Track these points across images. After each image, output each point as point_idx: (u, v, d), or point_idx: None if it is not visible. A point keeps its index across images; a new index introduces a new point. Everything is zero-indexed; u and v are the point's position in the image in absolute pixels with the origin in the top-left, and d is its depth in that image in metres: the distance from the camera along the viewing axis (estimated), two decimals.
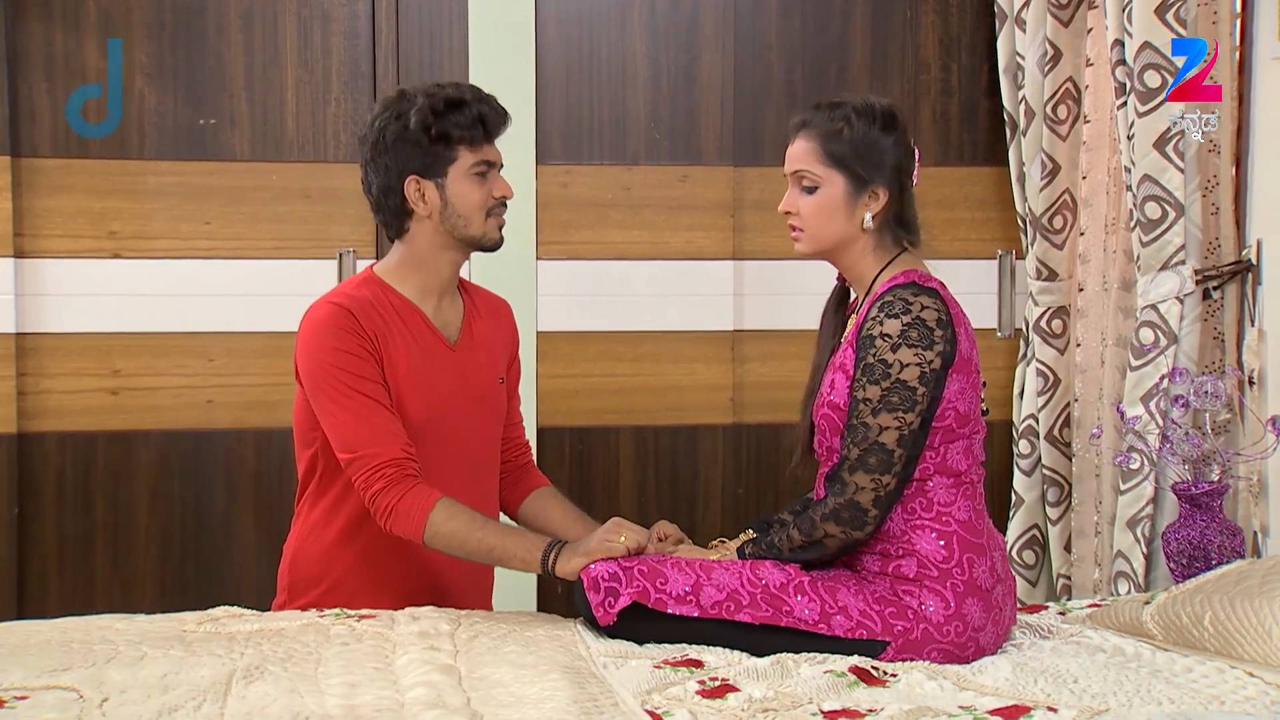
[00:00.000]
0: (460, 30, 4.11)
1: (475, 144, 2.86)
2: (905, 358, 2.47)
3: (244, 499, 4.10)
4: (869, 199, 2.60)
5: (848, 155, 2.59)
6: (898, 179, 2.63)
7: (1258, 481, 3.29)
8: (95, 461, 4.04)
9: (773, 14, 4.22)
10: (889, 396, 2.47)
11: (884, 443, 2.48)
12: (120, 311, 4.03)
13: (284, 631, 2.47)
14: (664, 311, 4.22)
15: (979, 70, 4.28)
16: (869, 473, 2.48)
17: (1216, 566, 3.04)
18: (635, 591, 2.50)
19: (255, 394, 4.09)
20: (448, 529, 2.67)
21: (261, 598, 3.70)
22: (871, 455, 2.48)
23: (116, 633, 2.45)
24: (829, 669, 2.28)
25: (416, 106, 2.82)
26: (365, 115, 4.01)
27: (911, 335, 2.48)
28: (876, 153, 2.60)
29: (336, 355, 2.78)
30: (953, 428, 2.54)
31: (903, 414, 2.47)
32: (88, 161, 4.00)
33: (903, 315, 2.49)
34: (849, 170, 2.59)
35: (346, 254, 4.07)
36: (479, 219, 2.88)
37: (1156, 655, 2.38)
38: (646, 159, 4.20)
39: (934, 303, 2.52)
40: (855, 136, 2.59)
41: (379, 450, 2.72)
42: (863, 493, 2.48)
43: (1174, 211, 3.37)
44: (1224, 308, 3.45)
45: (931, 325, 2.49)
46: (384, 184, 2.85)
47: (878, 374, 2.48)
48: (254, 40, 4.05)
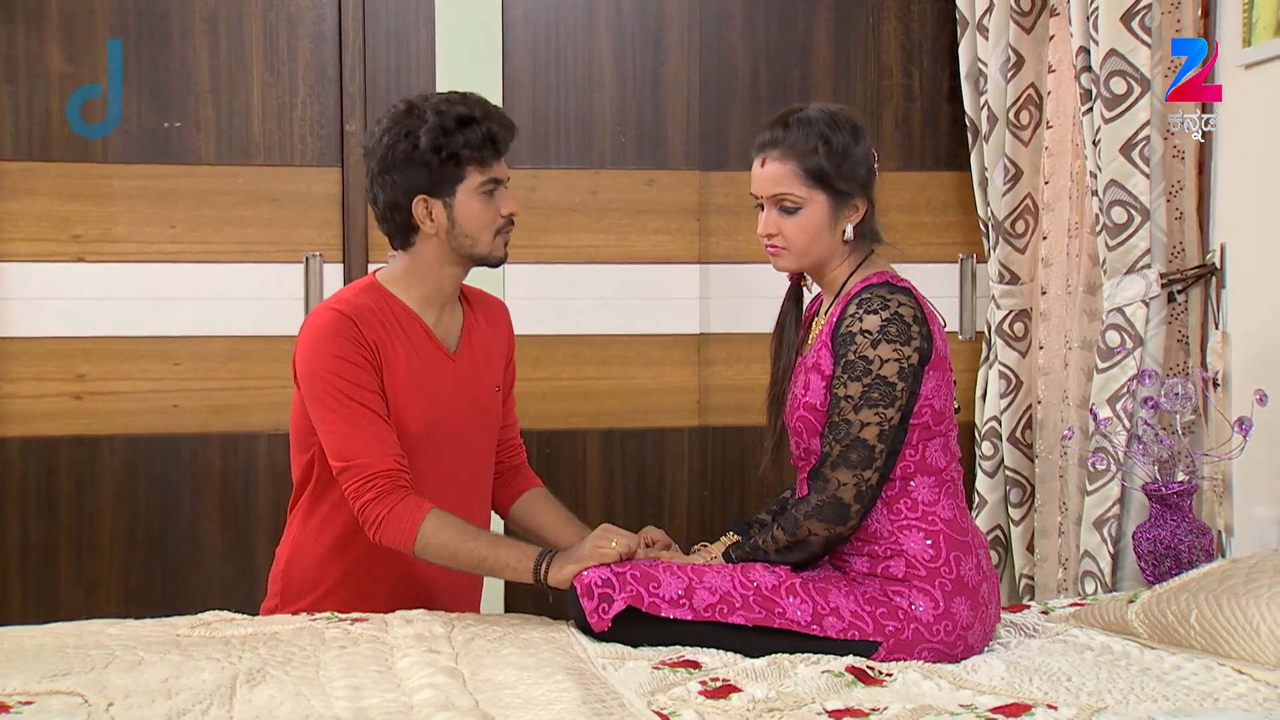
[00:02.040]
0: (427, 33, 4.11)
1: (485, 163, 2.84)
2: (885, 353, 2.50)
3: (210, 504, 4.08)
4: (850, 212, 2.63)
5: (829, 173, 2.61)
6: (869, 186, 2.66)
7: (1222, 482, 3.35)
8: (59, 466, 4.01)
9: (738, 19, 4.25)
10: (870, 393, 2.50)
11: (865, 438, 2.50)
12: (85, 315, 4.00)
13: (278, 635, 2.47)
14: (631, 315, 4.24)
15: (940, 76, 4.33)
16: (851, 469, 2.50)
17: (1187, 565, 3.10)
18: (629, 596, 2.51)
19: (221, 398, 4.07)
20: (439, 540, 2.67)
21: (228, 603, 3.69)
22: (854, 451, 2.50)
23: (110, 637, 2.45)
24: (826, 669, 2.30)
25: (427, 125, 2.79)
26: (332, 118, 4.05)
27: (890, 331, 2.51)
28: (853, 165, 2.62)
29: (335, 363, 2.77)
30: (929, 425, 2.57)
31: (883, 409, 2.50)
32: (51, 164, 3.96)
33: (881, 311, 2.52)
34: (831, 188, 2.61)
35: (313, 258, 4.06)
36: (486, 237, 2.88)
37: (1144, 653, 2.42)
38: (613, 163, 4.21)
39: (909, 300, 2.55)
40: (833, 152, 2.61)
41: (371, 460, 2.72)
42: (845, 489, 2.50)
43: (1140, 216, 3.43)
44: (1188, 311, 3.51)
45: (909, 321, 2.52)
46: (391, 200, 2.84)
47: (859, 370, 2.51)
48: (219, 43, 4.03)
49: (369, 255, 4.06)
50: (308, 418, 2.82)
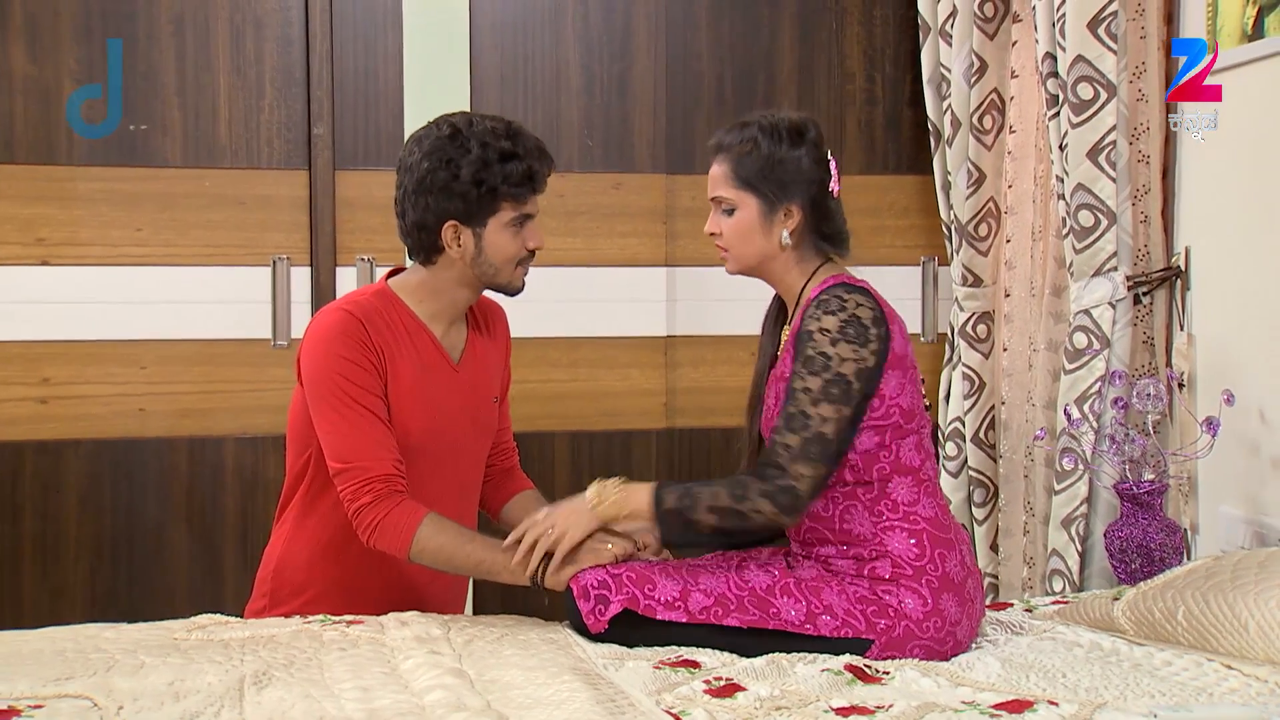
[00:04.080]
0: (395, 37, 4.11)
1: (520, 199, 2.84)
2: (844, 352, 2.52)
3: (177, 508, 4.06)
4: (783, 217, 2.65)
5: (755, 177, 2.64)
6: (810, 193, 2.66)
7: (1188, 481, 3.41)
8: (24, 471, 3.98)
9: (703, 25, 4.28)
10: (829, 388, 2.51)
11: (825, 433, 2.51)
12: (49, 319, 3.97)
13: (276, 638, 2.47)
14: (598, 317, 4.26)
15: (903, 81, 4.39)
16: (811, 462, 2.50)
17: (1158, 563, 3.15)
18: (625, 599, 2.53)
19: (188, 401, 4.06)
20: (435, 544, 2.68)
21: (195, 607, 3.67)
22: (814, 445, 2.51)
23: (107, 641, 2.44)
24: (825, 667, 2.33)
25: (470, 156, 2.77)
26: (299, 121, 4.04)
27: (849, 332, 2.52)
28: (784, 171, 2.64)
29: (341, 363, 2.77)
30: (900, 424, 2.59)
31: (841, 405, 2.51)
32: (14, 167, 3.93)
33: (839, 312, 2.54)
34: (758, 191, 2.64)
35: (280, 261, 4.05)
36: (509, 269, 2.88)
37: (1134, 650, 2.46)
38: (580, 167, 4.23)
39: (867, 301, 2.57)
40: (762, 157, 2.64)
41: (370, 464, 2.72)
42: (804, 480, 2.50)
43: (1106, 219, 3.48)
44: (1153, 313, 3.57)
45: (867, 323, 2.54)
46: (420, 221, 2.82)
47: (818, 365, 2.52)
48: (186, 46, 4.02)
49: (337, 258, 4.06)
50: (308, 417, 2.82)
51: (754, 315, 4.33)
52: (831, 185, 2.68)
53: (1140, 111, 3.54)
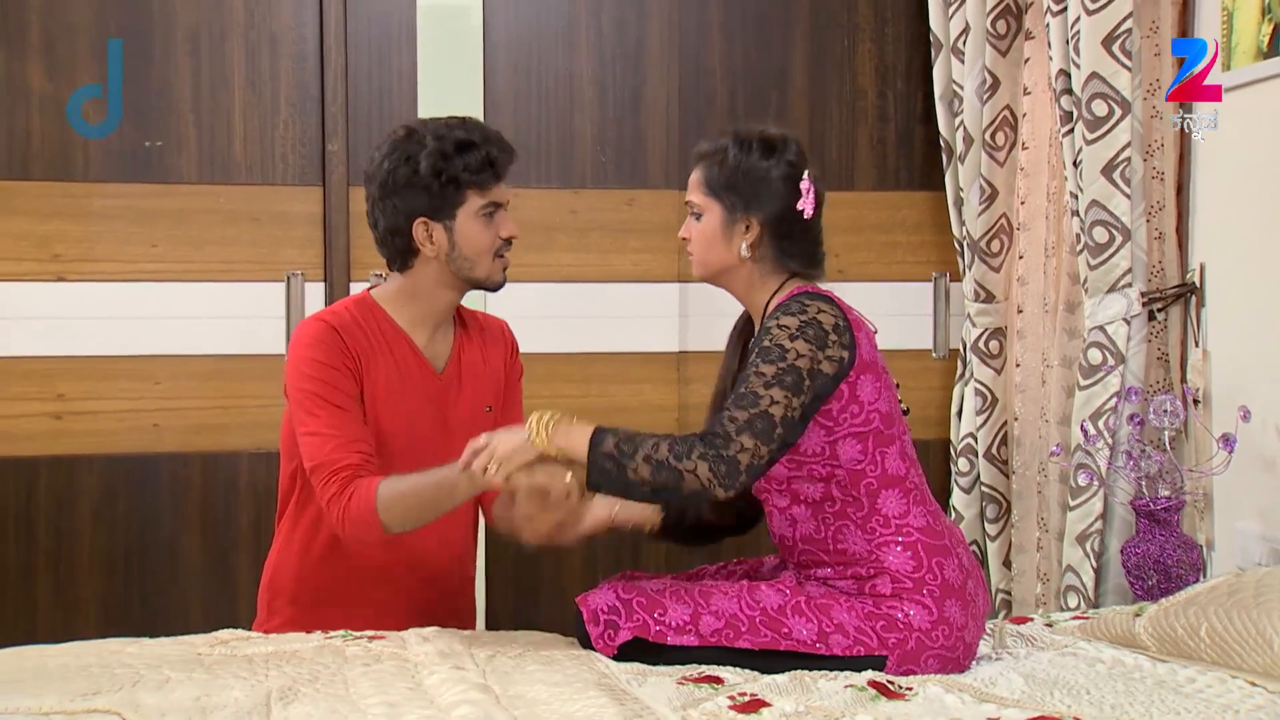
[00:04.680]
0: (409, 54, 4.13)
1: (484, 186, 2.86)
2: (800, 349, 2.49)
3: (190, 523, 4.07)
4: (743, 229, 2.64)
5: (720, 185, 2.66)
6: (773, 209, 2.64)
7: (1203, 497, 3.42)
8: (38, 487, 3.99)
9: (715, 41, 4.30)
10: (783, 376, 2.47)
11: (772, 414, 2.45)
12: (64, 335, 3.98)
13: (300, 654, 2.48)
14: (611, 333, 4.27)
15: (914, 98, 4.40)
16: (754, 436, 2.44)
17: (1176, 579, 3.16)
18: (635, 626, 2.53)
19: (202, 417, 4.07)
20: (396, 495, 2.65)
21: (209, 622, 3.67)
22: (760, 421, 2.45)
23: (131, 656, 2.44)
24: (848, 683, 2.33)
25: (426, 150, 2.81)
26: (314, 137, 4.05)
27: (808, 332, 2.51)
28: (751, 183, 2.64)
29: (316, 367, 2.80)
30: (881, 430, 2.57)
31: (792, 395, 2.47)
32: (30, 183, 3.95)
33: (799, 314, 2.53)
34: (721, 199, 2.66)
35: (294, 277, 4.06)
36: (486, 260, 2.90)
37: (1157, 666, 2.46)
38: (593, 183, 4.25)
39: (830, 308, 2.56)
40: (730, 166, 2.65)
41: (337, 458, 2.72)
42: (744, 453, 2.44)
43: (1121, 236, 3.49)
44: (1168, 329, 3.58)
45: (827, 329, 2.53)
46: (391, 224, 2.85)
47: (773, 355, 2.49)
48: (201, 63, 4.03)
49: (350, 274, 4.07)
50: (295, 431, 2.84)
51: None
52: (800, 205, 2.65)
53: (1154, 128, 3.56)
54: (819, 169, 3.77)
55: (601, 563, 4.15)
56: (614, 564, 3.92)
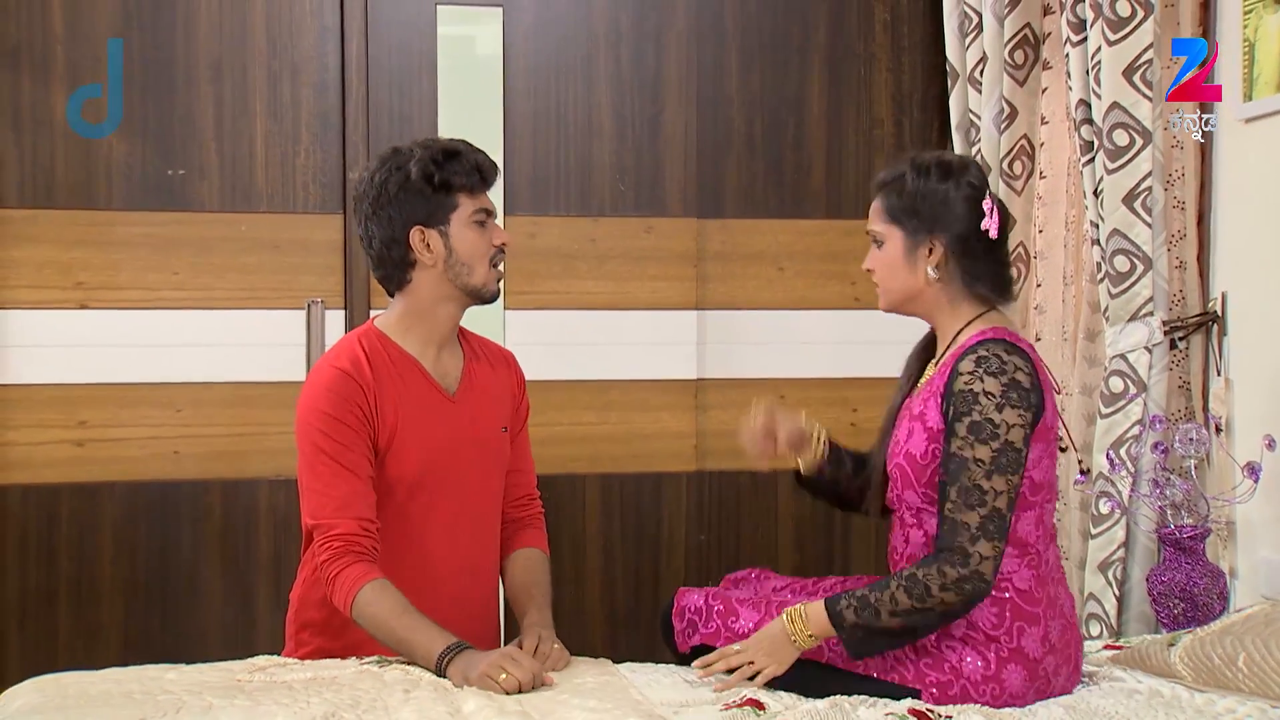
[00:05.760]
0: (429, 83, 4.15)
1: (474, 192, 2.91)
2: (1010, 418, 2.46)
3: (210, 550, 4.08)
4: (927, 252, 2.63)
5: (900, 210, 2.65)
6: (956, 229, 2.63)
7: (1226, 525, 3.43)
8: (60, 514, 4.00)
9: (733, 70, 4.33)
10: (999, 458, 2.45)
11: (1000, 508, 2.44)
12: (87, 362, 4.00)
13: (339, 680, 2.49)
14: (629, 360, 4.29)
15: (930, 126, 4.43)
16: (990, 540, 2.43)
17: (1203, 608, 3.16)
18: (708, 633, 2.64)
19: (222, 444, 4.08)
20: (369, 612, 2.68)
21: (229, 648, 3.69)
22: (992, 522, 2.44)
23: (171, 683, 2.45)
24: (888, 711, 2.34)
25: (416, 158, 2.87)
26: (334, 166, 4.07)
27: (1013, 396, 2.47)
28: (931, 206, 2.63)
29: (325, 420, 2.80)
30: (1025, 495, 2.53)
31: (1011, 476, 2.45)
32: (55, 212, 3.97)
33: (999, 375, 2.48)
34: (902, 224, 2.65)
35: (315, 304, 4.08)
36: (482, 267, 2.92)
37: (1195, 696, 2.45)
38: (611, 211, 4.27)
39: (1025, 365, 2.52)
40: (909, 190, 2.64)
41: (334, 522, 2.75)
42: (986, 563, 2.43)
43: (1142, 265, 3.51)
44: (1189, 357, 3.59)
45: (1027, 388, 2.50)
46: (388, 235, 2.88)
47: (986, 433, 2.46)
48: (224, 92, 4.05)
49: (370, 301, 4.08)
50: None
51: (782, 359, 4.41)
52: (985, 225, 2.62)
53: (1175, 158, 3.58)
54: (835, 197, 3.87)
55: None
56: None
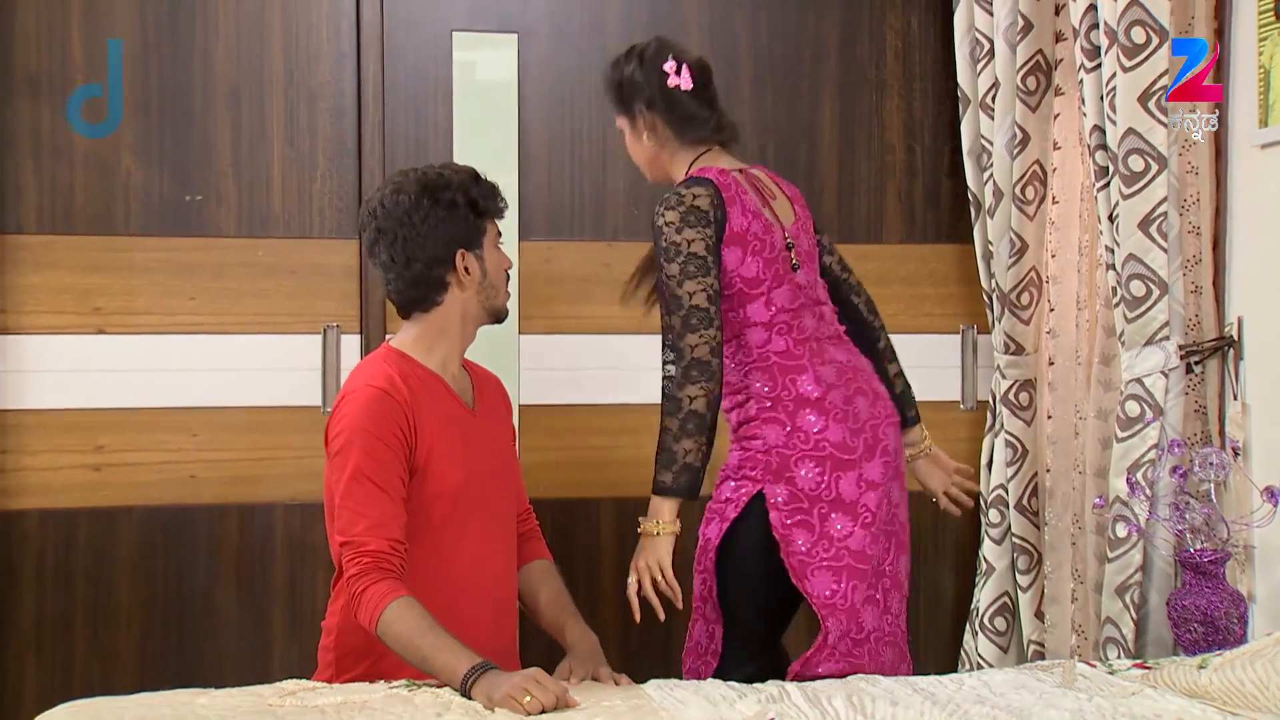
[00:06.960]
0: (445, 109, 4.17)
1: (498, 215, 3.03)
2: (690, 236, 3.02)
3: (227, 575, 4.08)
4: (641, 125, 3.22)
5: (614, 102, 3.26)
6: (646, 95, 3.18)
7: (1243, 550, 3.44)
8: (76, 539, 4.00)
9: (745, 96, 4.35)
10: (687, 267, 3.01)
11: (698, 304, 3.00)
12: (103, 388, 4.01)
13: (369, 704, 2.50)
14: (643, 385, 4.28)
15: (942, 152, 4.45)
16: (694, 331, 3.00)
17: (1224, 632, 3.17)
18: None
19: (239, 469, 4.09)
20: (395, 629, 2.70)
21: (244, 674, 3.70)
22: (694, 317, 3.00)
23: (202, 707, 2.46)
24: None
25: (453, 184, 2.93)
26: (351, 191, 4.09)
27: (690, 218, 3.02)
28: (624, 88, 3.21)
29: (366, 438, 2.83)
30: (744, 290, 3.09)
31: (702, 278, 3.01)
32: (72, 238, 3.98)
33: (678, 206, 3.04)
34: (620, 112, 3.25)
35: (331, 329, 4.09)
36: (504, 287, 3.05)
37: (1226, 719, 2.48)
38: (626, 235, 4.28)
39: (706, 190, 3.05)
40: (610, 83, 3.26)
41: (366, 540, 2.78)
42: (701, 348, 2.99)
43: (1158, 289, 3.53)
44: (1205, 381, 3.61)
45: (705, 209, 3.04)
46: (431, 256, 2.92)
47: (671, 254, 3.02)
48: (240, 118, 4.07)
49: (386, 327, 4.10)
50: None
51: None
52: (673, 82, 3.15)
53: (1190, 184, 3.60)
54: (847, 222, 4.06)
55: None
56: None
